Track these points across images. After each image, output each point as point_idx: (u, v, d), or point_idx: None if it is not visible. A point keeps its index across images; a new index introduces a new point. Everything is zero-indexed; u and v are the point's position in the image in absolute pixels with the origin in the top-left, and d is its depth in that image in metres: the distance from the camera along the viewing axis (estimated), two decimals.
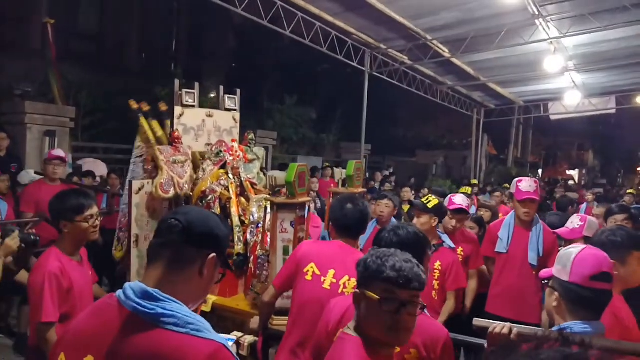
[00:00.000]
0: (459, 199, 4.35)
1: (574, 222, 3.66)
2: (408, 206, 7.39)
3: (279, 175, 2.72)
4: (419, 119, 21.86)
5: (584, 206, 8.99)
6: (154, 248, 1.43)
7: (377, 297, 1.59)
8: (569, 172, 25.09)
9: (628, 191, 10.71)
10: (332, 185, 9.25)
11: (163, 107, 3.01)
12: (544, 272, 2.04)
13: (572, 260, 1.82)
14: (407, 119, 22.11)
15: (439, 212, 3.89)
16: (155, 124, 2.97)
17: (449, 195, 4.59)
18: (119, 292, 1.37)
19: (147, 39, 15.65)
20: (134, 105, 2.90)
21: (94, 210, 2.59)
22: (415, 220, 3.81)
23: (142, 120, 2.90)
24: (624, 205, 4.85)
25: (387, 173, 14.31)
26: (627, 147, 34.94)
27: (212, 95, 10.25)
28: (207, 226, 1.43)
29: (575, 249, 1.88)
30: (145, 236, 2.96)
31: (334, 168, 10.60)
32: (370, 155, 15.97)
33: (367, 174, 14.04)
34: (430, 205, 3.77)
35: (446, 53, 11.23)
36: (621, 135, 32.65)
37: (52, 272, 2.45)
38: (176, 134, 2.77)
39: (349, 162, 3.57)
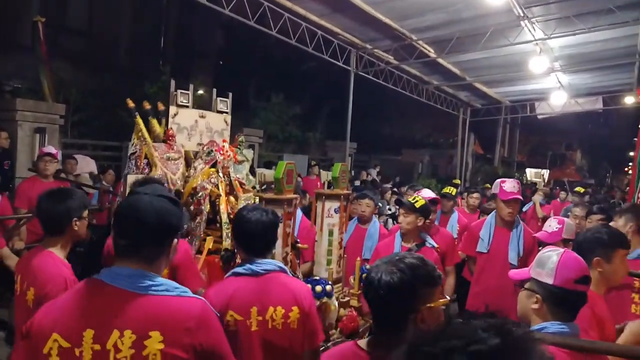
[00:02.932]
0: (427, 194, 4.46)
1: (552, 225, 3.72)
2: None
3: (268, 173, 2.86)
4: (406, 118, 21.98)
5: (528, 205, 8.63)
6: (125, 247, 1.57)
7: (446, 299, 1.63)
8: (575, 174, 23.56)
9: (577, 189, 10.62)
10: (318, 183, 9.36)
11: (146, 105, 3.11)
12: (515, 274, 2.11)
13: (555, 264, 1.87)
14: (394, 117, 22.23)
15: (426, 212, 3.94)
16: (154, 122, 3.08)
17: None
18: (100, 275, 1.55)
19: (136, 36, 15.65)
20: (130, 104, 3.00)
21: None
22: (401, 219, 3.88)
23: (138, 119, 3.01)
24: (603, 207, 4.99)
25: (373, 172, 14.46)
26: (615, 147, 34.59)
27: (200, 93, 10.28)
28: (167, 223, 1.58)
29: (554, 252, 1.94)
30: None
31: (320, 170, 10.72)
32: (356, 153, 16.10)
33: (353, 173, 14.17)
34: (417, 205, 3.85)
35: (432, 53, 11.39)
36: (610, 134, 32.49)
37: (71, 279, 2.32)
38: (170, 132, 2.88)
39: (335, 164, 3.68)
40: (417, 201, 3.87)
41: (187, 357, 1.48)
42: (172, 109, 3.02)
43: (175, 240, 1.62)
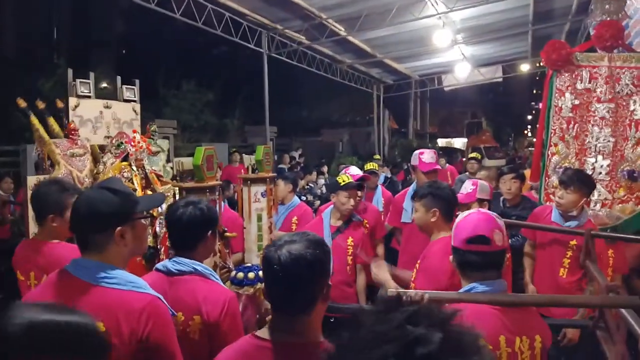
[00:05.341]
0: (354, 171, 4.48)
1: (467, 187, 3.90)
2: None
3: (186, 160, 2.68)
4: (323, 99, 22.09)
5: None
6: (77, 240, 1.73)
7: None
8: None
9: (471, 155, 10.77)
10: (242, 171, 9.17)
11: (40, 105, 2.84)
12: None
13: (456, 225, 1.91)
14: (311, 98, 22.26)
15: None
16: (51, 120, 2.80)
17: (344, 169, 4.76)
18: (68, 266, 1.70)
19: (24, 24, 14.35)
20: (22, 103, 2.71)
21: None
22: (336, 199, 3.84)
23: (33, 119, 2.72)
24: (514, 167, 5.36)
25: (295, 155, 14.39)
26: (515, 113, 38.16)
27: (104, 86, 9.61)
28: (97, 212, 1.69)
29: (463, 214, 1.95)
30: None
31: (243, 154, 10.46)
32: (277, 137, 15.95)
33: (276, 157, 14.04)
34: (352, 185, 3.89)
35: (342, 31, 11.41)
36: (510, 101, 35.51)
37: None
38: (72, 125, 2.62)
39: (257, 147, 3.59)
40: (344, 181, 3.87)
41: (128, 348, 1.57)
42: (72, 101, 2.74)
43: (120, 228, 1.67)
